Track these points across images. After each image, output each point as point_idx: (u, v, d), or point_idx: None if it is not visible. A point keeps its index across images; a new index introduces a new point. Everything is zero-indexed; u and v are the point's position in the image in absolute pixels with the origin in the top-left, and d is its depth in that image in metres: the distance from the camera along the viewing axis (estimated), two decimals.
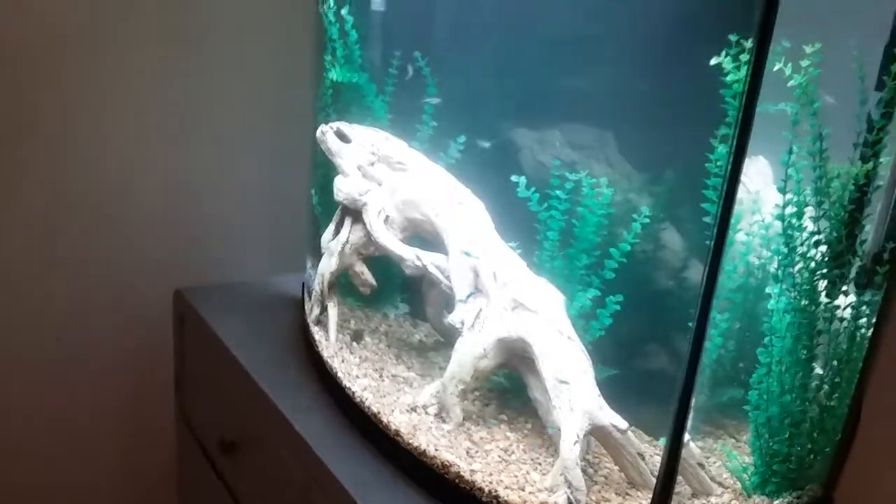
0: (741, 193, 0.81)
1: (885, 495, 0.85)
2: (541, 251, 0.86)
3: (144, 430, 1.39)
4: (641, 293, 0.85)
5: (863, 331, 0.77)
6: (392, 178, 0.90)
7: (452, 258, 0.86)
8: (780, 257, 0.70)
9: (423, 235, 0.90)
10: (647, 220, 0.81)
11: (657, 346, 0.89)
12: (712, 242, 0.60)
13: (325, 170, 0.97)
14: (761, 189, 0.79)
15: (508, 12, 0.91)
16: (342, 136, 0.92)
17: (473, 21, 0.94)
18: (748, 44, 0.58)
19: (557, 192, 0.83)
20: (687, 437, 0.73)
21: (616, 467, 0.79)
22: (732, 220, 0.80)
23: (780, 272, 0.70)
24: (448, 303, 0.89)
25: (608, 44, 0.84)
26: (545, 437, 0.83)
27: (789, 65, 0.65)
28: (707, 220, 0.69)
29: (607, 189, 0.82)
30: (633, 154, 0.86)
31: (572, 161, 0.87)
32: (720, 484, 0.78)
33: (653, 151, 0.86)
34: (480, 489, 0.76)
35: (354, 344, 0.97)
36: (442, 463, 0.79)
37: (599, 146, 0.90)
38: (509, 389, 0.91)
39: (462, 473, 0.78)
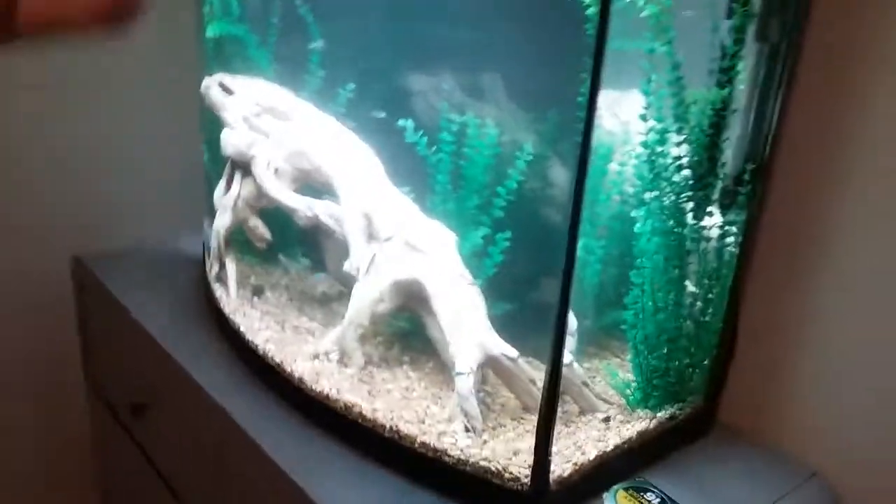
0: (615, 126, 0.86)
1: (764, 403, 0.92)
2: (433, 195, 0.88)
3: (54, 402, 1.37)
4: (532, 229, 0.88)
5: (730, 248, 0.82)
6: (279, 129, 0.90)
7: (344, 206, 0.87)
8: (644, 182, 0.73)
9: (314, 185, 0.91)
10: (531, 158, 0.84)
11: (549, 279, 0.93)
12: (574, 172, 0.63)
13: (213, 125, 0.96)
14: (633, 121, 0.82)
15: None
16: (226, 89, 0.92)
17: None
18: None
19: (444, 134, 0.85)
20: (570, 358, 0.78)
21: (512, 395, 0.83)
22: (604, 151, 0.85)
23: (644, 196, 0.74)
24: (345, 251, 0.91)
25: None
26: (446, 373, 0.86)
27: None
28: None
29: (493, 130, 0.84)
30: (520, 95, 0.88)
31: (462, 105, 0.89)
32: (606, 401, 0.83)
33: (537, 91, 0.88)
34: (382, 426, 0.79)
35: (255, 299, 0.98)
36: (345, 405, 0.82)
37: (489, 89, 0.92)
38: (411, 332, 0.93)
39: (364, 413, 0.81)
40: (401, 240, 0.85)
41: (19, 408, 1.35)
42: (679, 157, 0.74)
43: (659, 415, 0.83)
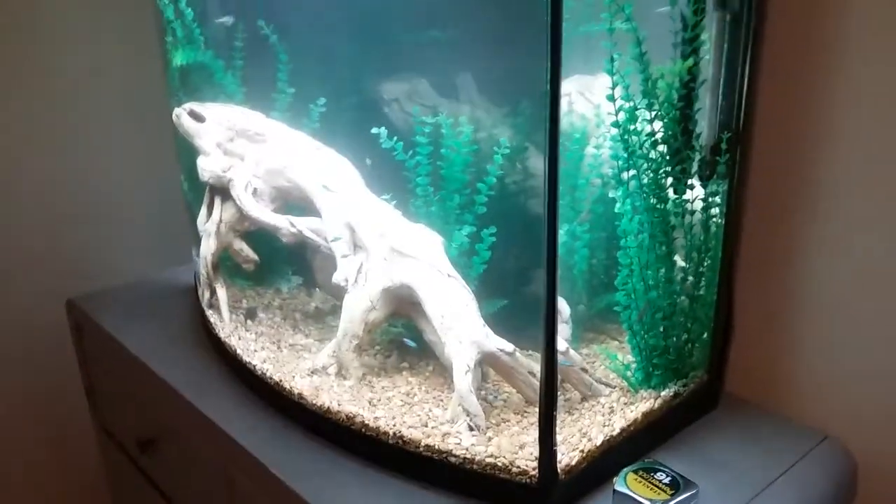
0: (587, 110, 0.86)
1: (769, 371, 0.91)
2: (415, 199, 0.88)
3: (65, 444, 1.36)
4: (516, 222, 0.88)
5: (716, 219, 0.82)
6: (253, 151, 0.90)
7: (326, 219, 0.87)
8: (619, 161, 0.73)
9: (294, 202, 0.91)
10: (508, 151, 0.83)
11: (538, 269, 0.93)
12: (546, 161, 0.62)
13: (188, 154, 0.96)
14: (603, 103, 0.82)
15: None
16: (196, 116, 0.92)
17: None
18: None
19: (418, 137, 0.84)
20: (565, 345, 0.78)
21: (513, 389, 0.82)
22: (579, 136, 0.85)
23: (621, 176, 0.73)
24: (333, 265, 0.90)
25: None
26: (446, 375, 0.85)
27: None
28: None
29: (467, 127, 0.84)
30: (491, 90, 0.88)
31: (434, 106, 0.89)
32: (607, 384, 0.83)
33: (508, 84, 0.88)
34: (385, 433, 0.79)
35: (249, 321, 0.98)
36: (346, 416, 0.81)
37: (458, 88, 0.91)
38: (409, 338, 0.93)
39: (366, 422, 0.80)
40: (386, 247, 0.85)
41: (33, 456, 1.35)
42: (652, 133, 0.73)
43: (663, 393, 0.83)
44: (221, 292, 0.96)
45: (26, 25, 1.20)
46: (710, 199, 0.80)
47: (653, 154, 0.74)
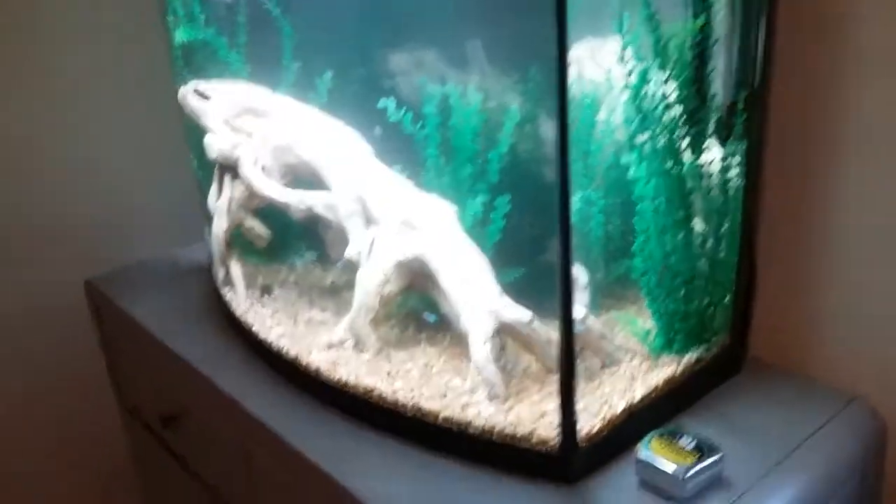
0: (598, 74, 0.84)
1: (793, 333, 0.90)
2: (426, 170, 0.86)
3: (90, 423, 1.38)
4: (529, 189, 0.86)
5: (735, 180, 0.80)
6: (261, 127, 0.90)
7: (336, 193, 0.86)
8: (633, 125, 0.71)
9: (304, 178, 0.90)
10: (518, 119, 0.82)
11: (553, 237, 0.91)
12: (556, 127, 0.61)
13: (196, 133, 0.96)
14: (613, 67, 0.80)
15: None
16: (202, 95, 0.91)
17: None
18: None
19: (427, 108, 0.83)
20: (584, 312, 0.76)
21: (533, 358, 0.82)
22: (590, 101, 0.83)
23: (635, 140, 0.72)
24: (346, 239, 0.90)
25: None
26: (464, 346, 0.85)
27: None
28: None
29: (476, 95, 0.82)
30: (501, 58, 0.87)
31: (441, 76, 0.87)
32: (628, 350, 0.82)
33: (516, 51, 0.86)
34: (403, 405, 0.79)
35: (265, 297, 0.98)
36: (364, 389, 0.81)
37: (467, 57, 0.90)
38: (426, 310, 0.92)
39: (384, 395, 0.80)
40: (398, 219, 0.84)
41: (57, 438, 1.37)
42: (665, 95, 0.71)
43: (685, 358, 0.82)
44: (236, 270, 0.96)
45: (26, 25, 1.19)
46: (729, 160, 0.78)
47: (666, 117, 0.72)
